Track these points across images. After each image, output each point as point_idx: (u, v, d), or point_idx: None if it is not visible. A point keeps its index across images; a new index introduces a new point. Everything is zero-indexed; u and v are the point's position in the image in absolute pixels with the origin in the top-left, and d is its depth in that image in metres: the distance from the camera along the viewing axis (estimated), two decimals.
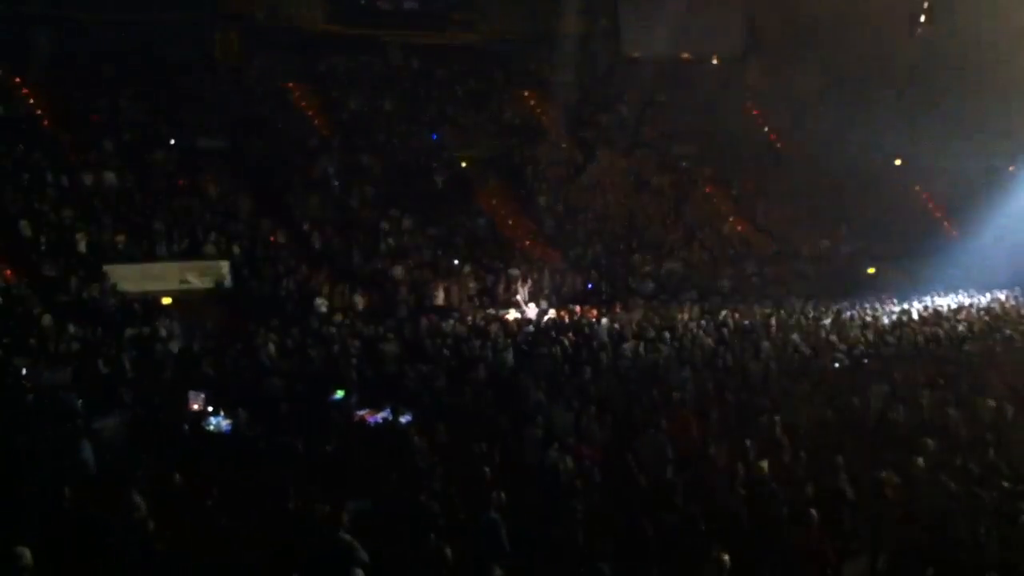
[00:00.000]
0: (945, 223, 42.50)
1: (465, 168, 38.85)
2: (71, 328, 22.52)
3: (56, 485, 12.93)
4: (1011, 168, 40.93)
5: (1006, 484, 13.41)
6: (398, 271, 31.13)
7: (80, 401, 17.39)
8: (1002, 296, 34.00)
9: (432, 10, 42.38)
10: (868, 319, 28.90)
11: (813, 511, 12.08)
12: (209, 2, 37.34)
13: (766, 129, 46.78)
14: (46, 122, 32.63)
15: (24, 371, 19.57)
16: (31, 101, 33.11)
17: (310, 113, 38.87)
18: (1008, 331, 26.07)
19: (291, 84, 39.31)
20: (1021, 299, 33.36)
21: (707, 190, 42.67)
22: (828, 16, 41.07)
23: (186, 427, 16.75)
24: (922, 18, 41.89)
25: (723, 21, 45.25)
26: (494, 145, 40.28)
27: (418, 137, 39.18)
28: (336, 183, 35.11)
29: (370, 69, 41.69)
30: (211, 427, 17.11)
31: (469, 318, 28.34)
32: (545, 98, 43.07)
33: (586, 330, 26.02)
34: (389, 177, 36.47)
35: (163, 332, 23.57)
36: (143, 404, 17.66)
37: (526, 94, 44.19)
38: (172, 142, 33.39)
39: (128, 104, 34.24)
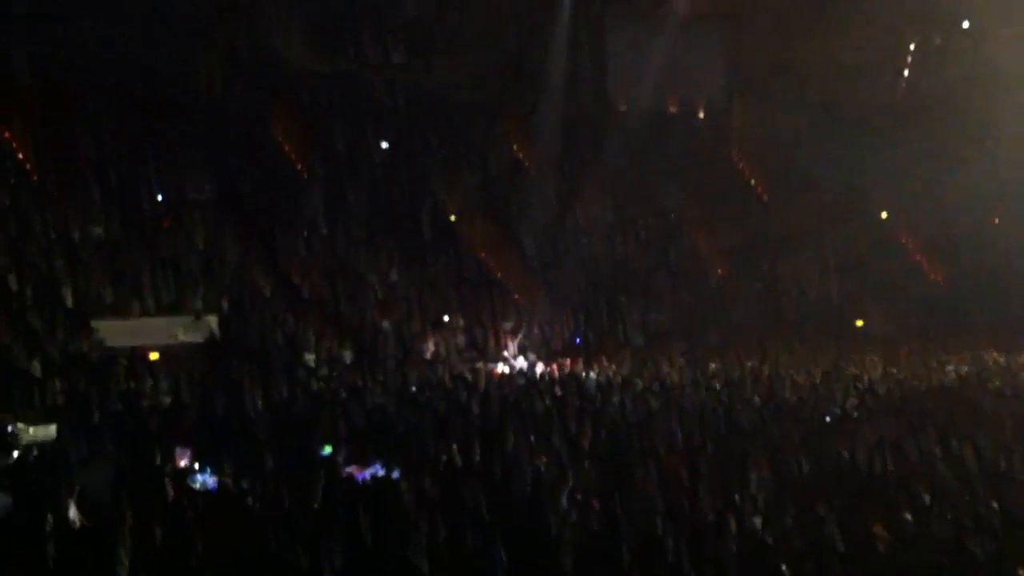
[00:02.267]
0: (931, 272, 42.54)
1: (452, 215, 38.82)
2: (57, 382, 22.36)
3: (39, 542, 12.80)
4: (996, 221, 41.11)
5: (998, 537, 13.35)
6: (387, 324, 31.08)
7: (64, 457, 17.25)
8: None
9: (415, 60, 42.56)
10: (856, 371, 28.97)
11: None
12: (194, 39, 37.29)
13: (752, 180, 46.94)
14: (34, 176, 32.53)
15: (9, 428, 19.42)
16: (19, 153, 33.03)
17: (295, 157, 38.78)
18: (997, 382, 26.12)
19: (277, 126, 39.24)
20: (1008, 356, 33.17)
21: (693, 238, 42.72)
22: (814, 64, 41.45)
23: (168, 483, 16.56)
24: (906, 72, 42.43)
25: (708, 70, 45.51)
26: (481, 191, 40.28)
27: (406, 182, 39.10)
28: (324, 230, 35.02)
29: (357, 111, 41.63)
30: (196, 484, 16.97)
31: (458, 369, 28.28)
32: (531, 144, 43.14)
33: (574, 382, 25.99)
34: (377, 224, 36.37)
35: (150, 387, 23.42)
36: (128, 460, 17.50)
37: (512, 141, 44.31)
38: (159, 193, 33.27)
39: (114, 152, 34.09)
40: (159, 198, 33.17)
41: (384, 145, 40.85)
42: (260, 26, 38.19)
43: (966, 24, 39.90)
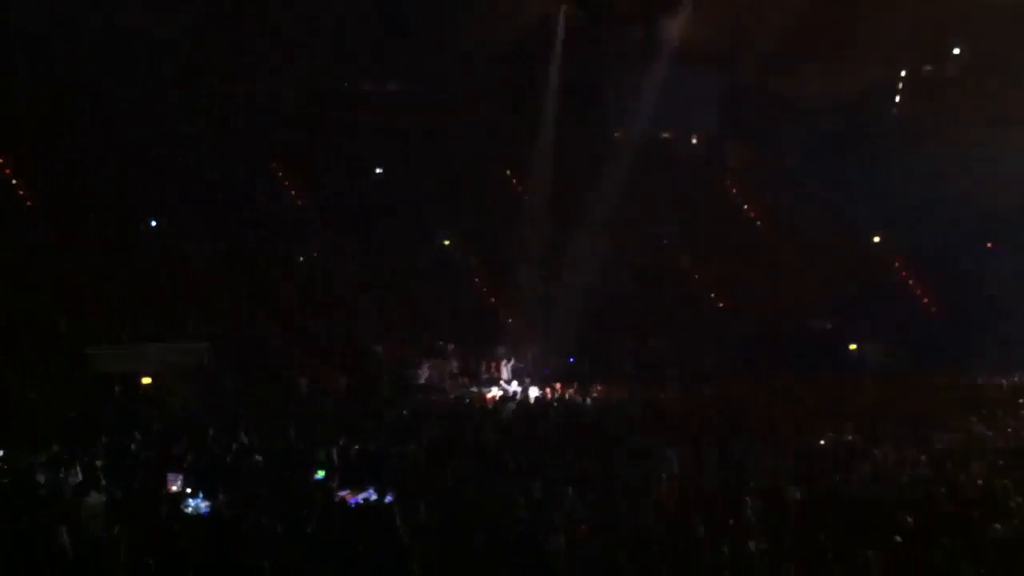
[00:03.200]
0: (925, 300, 42.60)
1: (448, 247, 38.90)
2: (51, 410, 22.31)
3: (33, 570, 12.73)
4: (989, 245, 41.16)
5: (993, 561, 13.32)
6: (380, 350, 31.04)
7: (58, 484, 17.18)
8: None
9: (412, 91, 42.66)
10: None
11: None
12: (192, 80, 37.43)
13: (746, 207, 47.06)
14: (29, 202, 32.57)
15: (2, 453, 19.36)
16: (14, 181, 33.08)
17: (292, 192, 38.91)
18: (989, 409, 26.09)
19: (273, 163, 39.36)
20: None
21: (688, 268, 42.81)
22: (806, 94, 41.57)
23: (164, 509, 16.49)
24: (897, 98, 42.59)
25: (703, 101, 45.67)
26: (477, 224, 40.35)
27: (400, 216, 39.20)
28: (318, 261, 35.08)
29: (352, 149, 41.77)
30: (189, 509, 16.88)
31: (452, 396, 28.23)
32: (527, 177, 43.24)
33: (569, 409, 25.95)
34: (371, 256, 36.44)
35: (143, 412, 23.36)
36: (122, 486, 17.43)
37: (508, 173, 44.42)
38: (154, 223, 33.33)
39: (111, 184, 34.18)
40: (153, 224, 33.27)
41: (378, 170, 41.11)
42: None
43: (956, 51, 40.10)
